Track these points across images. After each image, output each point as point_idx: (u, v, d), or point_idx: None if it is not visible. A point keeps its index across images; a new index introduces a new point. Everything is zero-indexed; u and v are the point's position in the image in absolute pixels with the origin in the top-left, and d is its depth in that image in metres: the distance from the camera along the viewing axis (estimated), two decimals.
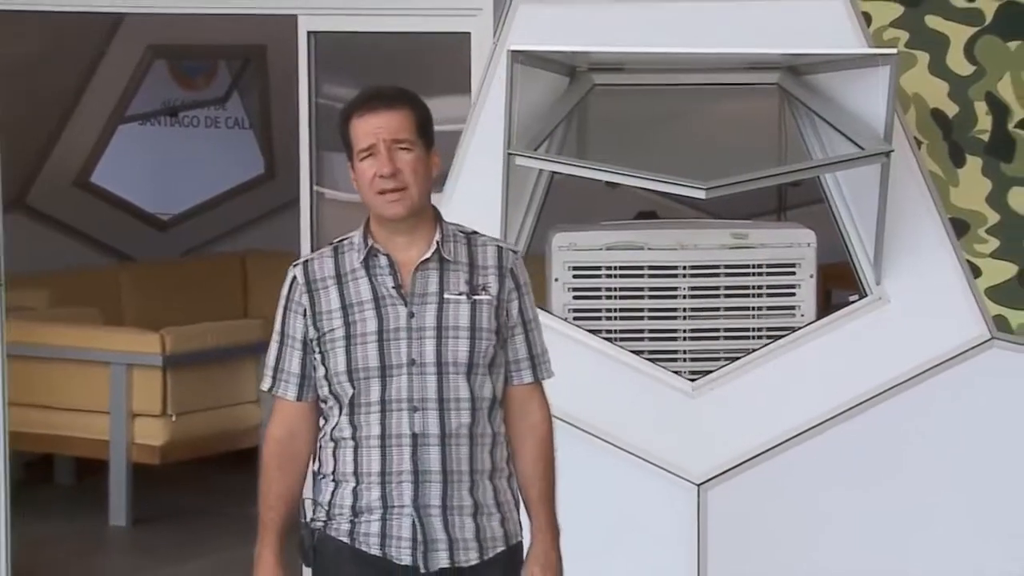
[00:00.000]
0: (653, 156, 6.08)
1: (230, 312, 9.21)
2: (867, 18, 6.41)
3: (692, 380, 6.08)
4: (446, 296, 3.83)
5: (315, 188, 6.85)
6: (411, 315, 3.81)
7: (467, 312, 3.83)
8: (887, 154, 5.93)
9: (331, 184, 6.97)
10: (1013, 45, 6.47)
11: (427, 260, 3.84)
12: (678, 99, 6.45)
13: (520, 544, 3.98)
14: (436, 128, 3.98)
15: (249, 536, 7.82)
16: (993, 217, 6.26)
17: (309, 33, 6.77)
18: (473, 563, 3.84)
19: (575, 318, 6.07)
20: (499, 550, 3.89)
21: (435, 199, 4.11)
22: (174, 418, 8.31)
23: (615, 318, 6.15)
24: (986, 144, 6.35)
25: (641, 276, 6.15)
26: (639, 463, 5.51)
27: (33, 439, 8.24)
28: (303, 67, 6.82)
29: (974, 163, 6.32)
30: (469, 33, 6.52)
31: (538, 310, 4.17)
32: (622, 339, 6.09)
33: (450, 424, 3.80)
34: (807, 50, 6.23)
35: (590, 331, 6.03)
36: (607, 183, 6.18)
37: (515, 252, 4.01)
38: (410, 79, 7.10)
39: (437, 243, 3.85)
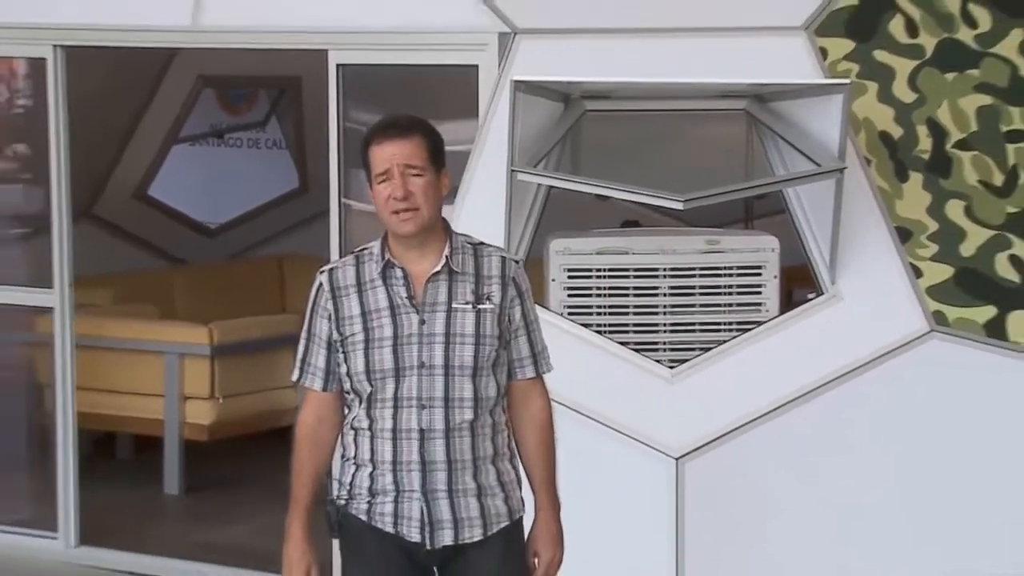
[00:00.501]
0: (637, 172, 6.07)
1: (269, 308, 9.21)
2: (823, 52, 6.40)
3: (671, 368, 6.08)
4: (454, 306, 3.82)
5: (343, 200, 6.84)
6: (422, 322, 3.81)
7: (472, 320, 3.82)
8: (840, 171, 5.94)
9: (357, 197, 6.93)
10: (950, 76, 6.45)
11: (437, 273, 3.83)
12: (659, 123, 6.43)
13: (522, 519, 3.98)
14: (448, 148, 3.98)
15: (283, 504, 7.90)
16: (933, 226, 6.24)
17: (338, 65, 6.76)
18: (477, 539, 3.85)
19: (569, 314, 6.07)
20: (503, 525, 3.89)
21: (447, 211, 4.11)
22: (220, 400, 8.34)
23: (604, 313, 6.14)
24: (926, 162, 6.33)
25: (627, 277, 6.14)
26: (625, 440, 5.52)
27: (98, 419, 8.22)
28: (332, 95, 6.81)
29: (916, 179, 6.31)
30: (477, 65, 6.50)
31: (537, 306, 4.15)
32: (610, 332, 6.08)
33: (454, 420, 3.80)
34: (771, 80, 6.23)
35: (582, 325, 6.03)
36: (597, 196, 6.18)
37: (517, 262, 3.99)
38: (426, 106, 7.12)
39: (446, 257, 3.84)
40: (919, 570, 6.09)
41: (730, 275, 6.23)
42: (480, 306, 3.84)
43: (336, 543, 4.08)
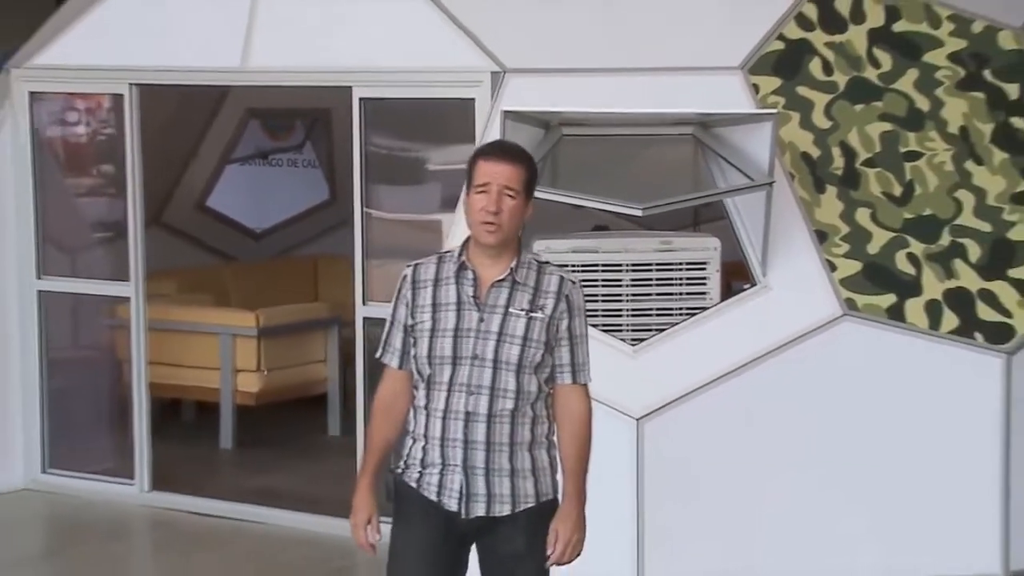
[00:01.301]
0: (605, 186, 6.05)
1: (305, 297, 9.17)
2: (756, 88, 6.41)
3: (632, 345, 6.04)
4: (510, 310, 3.69)
5: (364, 209, 6.77)
6: (481, 320, 3.68)
7: (523, 325, 3.69)
8: (770, 184, 5.91)
9: (375, 206, 6.91)
10: (858, 107, 6.49)
11: (501, 280, 3.71)
12: (623, 146, 6.40)
13: (548, 501, 3.81)
14: (449, 167, 3.94)
15: (318, 457, 7.87)
16: (845, 229, 6.25)
17: (360, 99, 6.71)
18: (506, 514, 3.71)
19: None
20: (528, 505, 3.74)
21: (451, 218, 4.03)
22: (266, 372, 8.29)
23: None
24: (839, 177, 6.35)
25: (595, 271, 6.09)
26: (594, 403, 5.45)
27: (166, 388, 8.20)
28: (356, 123, 6.75)
29: (831, 191, 6.32)
30: (474, 99, 6.45)
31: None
32: (584, 312, 6.02)
33: (496, 407, 3.67)
34: (713, 111, 6.22)
35: None
36: (573, 205, 6.11)
37: (574, 283, 3.84)
38: (432, 132, 7.14)
39: (511, 269, 3.72)
40: (841, 510, 6.07)
41: (680, 270, 6.19)
42: (532, 314, 3.71)
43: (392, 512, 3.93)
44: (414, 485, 3.73)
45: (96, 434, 7.87)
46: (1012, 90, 6.65)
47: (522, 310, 3.70)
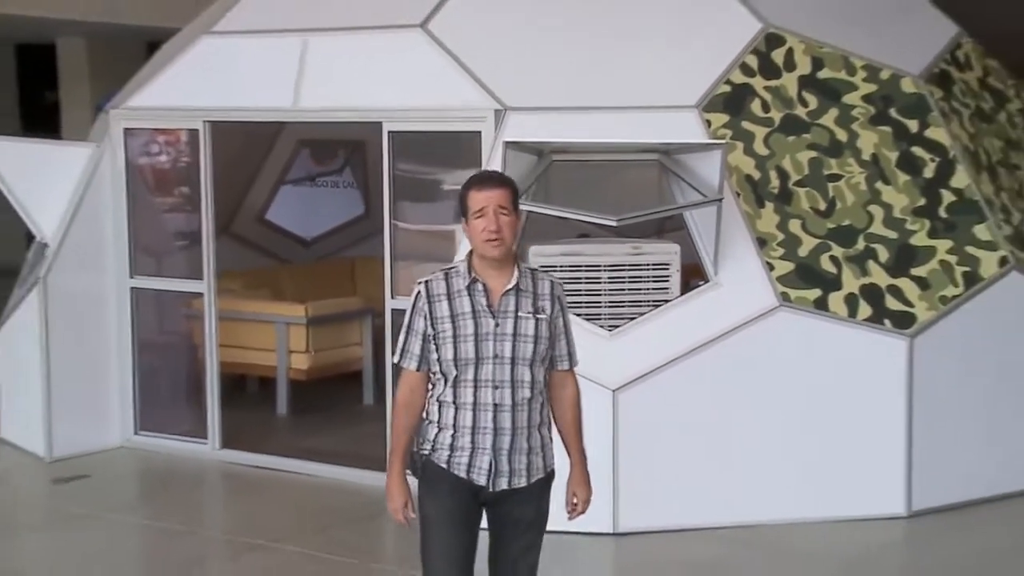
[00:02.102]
0: (587, 202, 6.04)
1: (345, 292, 9.04)
2: (708, 123, 6.39)
3: (609, 330, 6.03)
4: (520, 314, 3.58)
5: (392, 221, 6.76)
6: (496, 325, 3.57)
7: (532, 326, 3.59)
8: (719, 200, 5.92)
9: (401, 219, 6.88)
10: (791, 139, 6.48)
11: (509, 289, 3.59)
12: (601, 169, 6.38)
13: (551, 472, 3.73)
14: (460, 187, 3.85)
15: (355, 422, 7.85)
16: (780, 236, 6.24)
17: (389, 132, 6.68)
18: (522, 485, 3.63)
19: None
20: (539, 476, 3.67)
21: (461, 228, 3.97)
22: (313, 353, 8.23)
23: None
24: (776, 195, 6.34)
25: (579, 270, 6.08)
26: (579, 378, 5.42)
27: (233, 366, 8.13)
28: (385, 152, 6.72)
29: (769, 206, 6.30)
30: (480, 131, 6.43)
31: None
32: (568, 307, 5.99)
33: (518, 397, 3.58)
34: (675, 140, 6.19)
35: None
36: (561, 217, 6.08)
37: (560, 284, 3.75)
38: (446, 159, 7.12)
39: (516, 279, 3.61)
40: (778, 465, 6.08)
41: (647, 269, 6.17)
42: (538, 316, 3.60)
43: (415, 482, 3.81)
44: (444, 465, 3.61)
45: (177, 403, 7.85)
46: (912, 125, 6.66)
47: (529, 313, 3.60)
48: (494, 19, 6.70)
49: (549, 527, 3.80)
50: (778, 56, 6.62)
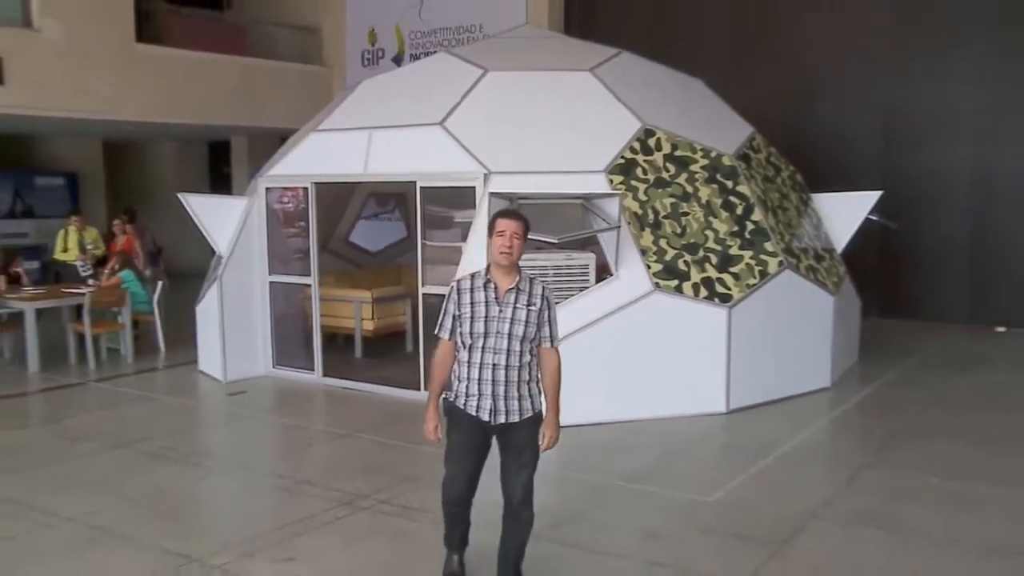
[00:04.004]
0: (541, 227, 5.94)
1: (394, 283, 8.78)
2: (611, 181, 6.33)
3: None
4: (516, 305, 3.26)
5: (422, 241, 6.69)
6: (500, 311, 3.25)
7: (524, 314, 3.26)
8: (618, 227, 5.92)
9: (428, 240, 6.80)
10: (659, 191, 6.44)
11: (511, 288, 3.28)
12: (549, 208, 6.29)
13: (537, 413, 3.36)
14: (463, 220, 3.80)
15: (400, 361, 7.93)
16: (654, 249, 6.19)
17: (420, 187, 6.61)
18: (515, 420, 3.29)
19: None
20: (528, 415, 3.32)
21: (464, 246, 3.86)
22: (376, 320, 8.13)
23: None
24: (651, 224, 6.30)
25: (535, 270, 5.95)
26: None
27: (329, 328, 7.97)
28: (417, 200, 6.65)
29: (647, 231, 6.26)
30: (474, 186, 6.34)
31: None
32: (554, 304, 5.93)
33: (509, 361, 3.25)
34: (591, 192, 6.16)
35: None
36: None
37: (548, 288, 3.38)
38: (454, 202, 7.10)
39: (517, 282, 3.29)
40: (645, 384, 6.02)
41: (576, 269, 6.11)
42: (530, 308, 3.27)
43: (445, 420, 3.47)
44: (461, 406, 3.31)
45: (296, 349, 7.76)
46: (729, 184, 6.65)
47: (523, 305, 3.27)
48: (484, 120, 6.65)
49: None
50: (651, 142, 6.59)
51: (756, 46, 10.47)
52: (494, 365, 3.26)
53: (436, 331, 3.40)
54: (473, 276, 3.36)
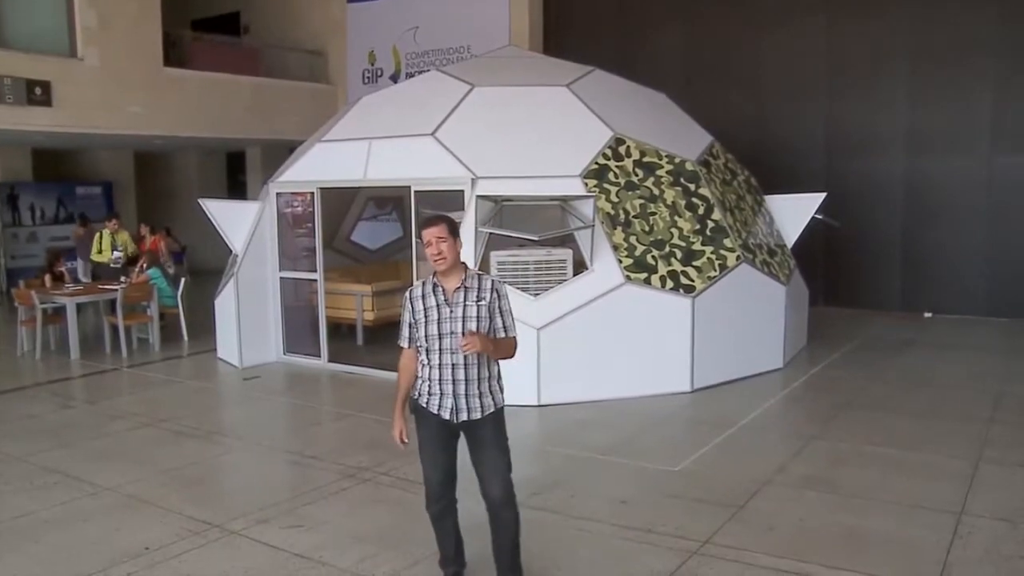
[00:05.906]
0: (523, 226, 5.99)
1: (391, 277, 8.71)
2: (586, 184, 6.28)
3: (534, 296, 5.94)
4: (466, 303, 2.96)
5: (415, 239, 6.61)
6: (451, 311, 2.96)
7: (475, 310, 2.95)
8: (592, 226, 5.87)
9: (420, 238, 6.60)
10: (630, 193, 6.39)
11: (458, 288, 2.97)
12: (531, 208, 6.27)
13: (499, 409, 3.07)
14: (457, 221, 3.62)
15: (397, 348, 7.55)
16: (625, 245, 6.17)
17: (414, 191, 6.55)
18: (476, 418, 3.00)
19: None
20: (490, 411, 3.02)
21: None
22: (375, 311, 8.08)
23: (506, 280, 5.93)
24: (623, 223, 6.28)
25: (519, 264, 5.97)
26: (516, 321, 5.31)
27: (333, 318, 7.90)
28: (412, 203, 6.58)
29: (619, 229, 6.25)
30: (463, 190, 6.29)
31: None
32: (512, 284, 5.94)
33: (469, 360, 2.97)
34: (568, 194, 6.12)
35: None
36: (509, 235, 5.97)
37: (499, 281, 3.06)
38: (444, 205, 7.00)
39: (463, 281, 2.98)
40: (621, 366, 5.98)
41: (555, 263, 6.06)
42: (479, 303, 2.96)
43: (412, 419, 3.18)
44: (425, 405, 3.04)
45: (304, 337, 7.70)
46: (692, 187, 6.63)
47: (473, 301, 2.97)
48: (471, 130, 6.60)
49: (515, 402, 3.60)
50: (622, 149, 6.54)
51: (714, 66, 10.68)
52: (453, 365, 2.99)
53: (399, 341, 3.10)
54: (424, 283, 3.06)
